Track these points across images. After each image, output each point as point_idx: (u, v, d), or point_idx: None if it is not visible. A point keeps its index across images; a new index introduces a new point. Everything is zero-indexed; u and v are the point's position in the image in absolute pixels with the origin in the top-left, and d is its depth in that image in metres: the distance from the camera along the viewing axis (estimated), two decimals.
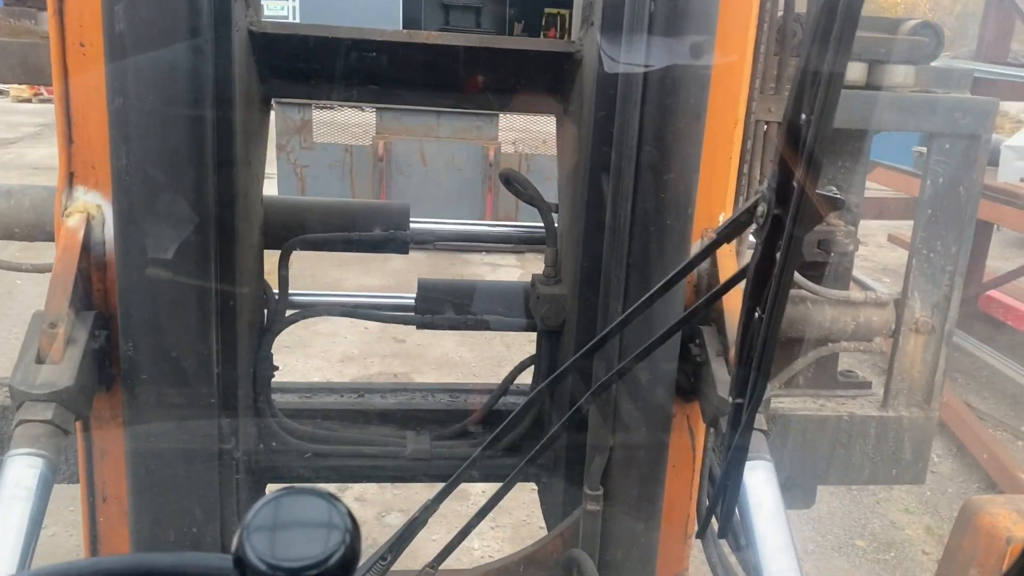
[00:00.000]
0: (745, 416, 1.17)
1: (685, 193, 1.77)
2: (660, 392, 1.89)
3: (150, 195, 1.68)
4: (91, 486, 2.02)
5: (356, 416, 2.41)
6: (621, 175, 1.72)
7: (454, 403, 2.49)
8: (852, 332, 2.34)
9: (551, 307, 2.21)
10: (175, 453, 1.82)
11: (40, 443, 1.60)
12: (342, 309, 2.39)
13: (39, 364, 1.70)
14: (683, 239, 1.79)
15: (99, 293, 1.89)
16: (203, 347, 1.78)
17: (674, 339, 1.86)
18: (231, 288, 1.82)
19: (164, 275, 1.71)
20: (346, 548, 0.59)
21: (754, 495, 1.67)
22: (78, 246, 1.81)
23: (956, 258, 2.28)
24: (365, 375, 6.29)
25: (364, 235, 2.26)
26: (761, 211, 1.09)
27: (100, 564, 0.66)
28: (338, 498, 0.62)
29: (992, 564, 2.10)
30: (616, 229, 1.77)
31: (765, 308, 1.10)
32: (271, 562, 0.58)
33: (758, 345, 1.13)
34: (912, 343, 2.37)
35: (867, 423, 2.42)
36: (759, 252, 1.11)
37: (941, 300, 2.32)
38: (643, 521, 1.97)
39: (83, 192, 1.87)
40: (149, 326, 1.75)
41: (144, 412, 1.79)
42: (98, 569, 0.66)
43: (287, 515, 0.61)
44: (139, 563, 0.67)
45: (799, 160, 1.01)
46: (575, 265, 2.07)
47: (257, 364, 2.20)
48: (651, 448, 1.93)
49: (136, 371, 1.77)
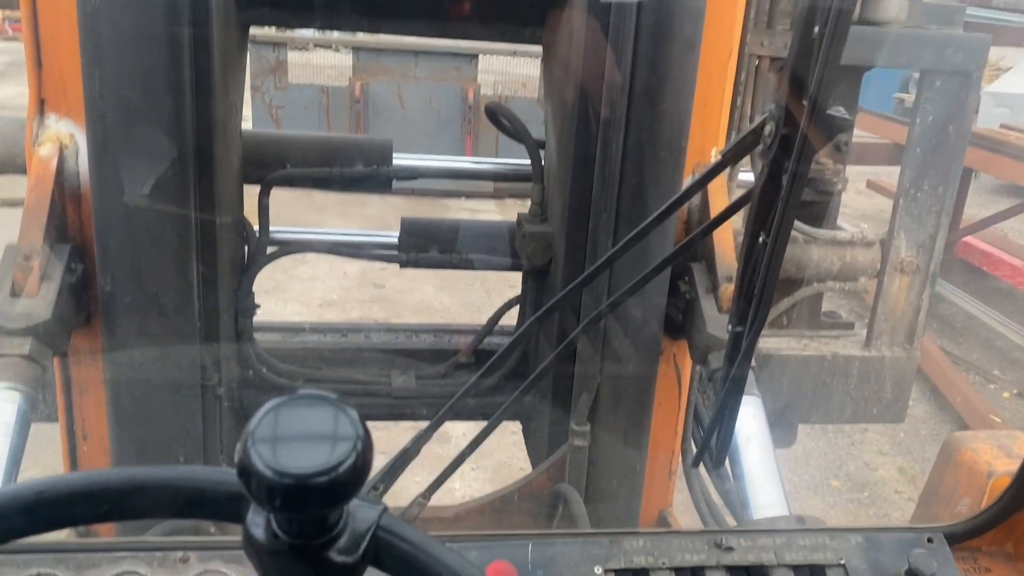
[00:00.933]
0: (745, 345, 1.16)
1: (679, 125, 1.73)
2: (649, 328, 1.87)
3: (125, 123, 1.61)
4: (70, 424, 1.99)
5: (340, 355, 2.38)
6: (613, 106, 1.68)
7: (438, 343, 2.47)
8: (838, 272, 2.34)
9: (537, 245, 2.18)
10: (156, 388, 1.79)
11: (17, 377, 1.56)
12: (324, 246, 2.35)
13: (14, 297, 1.66)
14: (676, 172, 1.76)
15: (74, 225, 1.82)
16: (183, 281, 1.74)
17: (664, 275, 1.84)
18: (211, 220, 1.77)
19: (142, 207, 1.66)
20: (357, 456, 0.56)
21: (742, 430, 1.68)
22: (51, 177, 1.74)
23: (943, 198, 2.27)
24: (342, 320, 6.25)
25: (346, 171, 2.20)
26: (769, 131, 1.06)
27: (93, 478, 0.63)
28: (348, 404, 0.59)
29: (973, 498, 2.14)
30: (607, 162, 1.74)
31: (769, 233, 1.08)
32: (278, 469, 0.54)
33: (761, 272, 1.10)
34: (897, 283, 2.37)
35: (850, 363, 2.43)
36: (765, 174, 1.08)
37: (927, 240, 2.32)
38: (630, 456, 1.98)
39: (55, 120, 1.79)
40: (127, 260, 1.70)
41: (124, 347, 1.75)
42: (92, 483, 0.63)
43: (294, 422, 0.57)
44: (133, 477, 0.63)
45: (810, 76, 0.97)
46: (562, 202, 2.03)
47: (238, 301, 2.16)
48: (639, 384, 1.93)
49: (114, 306, 1.72)
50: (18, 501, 0.61)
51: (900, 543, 1.26)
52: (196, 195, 1.71)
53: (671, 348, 2.07)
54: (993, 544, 1.41)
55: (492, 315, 2.38)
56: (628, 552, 1.19)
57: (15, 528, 0.61)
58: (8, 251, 1.70)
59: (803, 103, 1.00)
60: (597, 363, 1.88)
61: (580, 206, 1.91)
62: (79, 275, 1.78)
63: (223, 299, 1.95)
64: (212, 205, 1.78)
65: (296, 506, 0.55)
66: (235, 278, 2.15)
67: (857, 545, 1.25)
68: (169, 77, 1.61)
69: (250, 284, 2.19)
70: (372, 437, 0.58)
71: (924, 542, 1.28)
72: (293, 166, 2.19)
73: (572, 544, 1.19)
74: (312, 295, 6.50)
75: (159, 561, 1.08)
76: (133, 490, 0.63)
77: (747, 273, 1.16)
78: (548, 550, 1.18)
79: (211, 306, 1.85)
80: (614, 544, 1.20)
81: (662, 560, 1.19)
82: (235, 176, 2.08)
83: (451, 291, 6.69)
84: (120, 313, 1.72)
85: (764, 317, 1.17)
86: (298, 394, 0.59)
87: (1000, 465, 2.11)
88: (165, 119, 1.62)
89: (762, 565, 1.21)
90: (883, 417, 2.52)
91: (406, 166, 2.29)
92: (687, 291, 1.93)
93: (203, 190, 1.74)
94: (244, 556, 1.09)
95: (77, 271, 1.77)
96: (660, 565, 1.19)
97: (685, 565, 1.19)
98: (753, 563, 1.21)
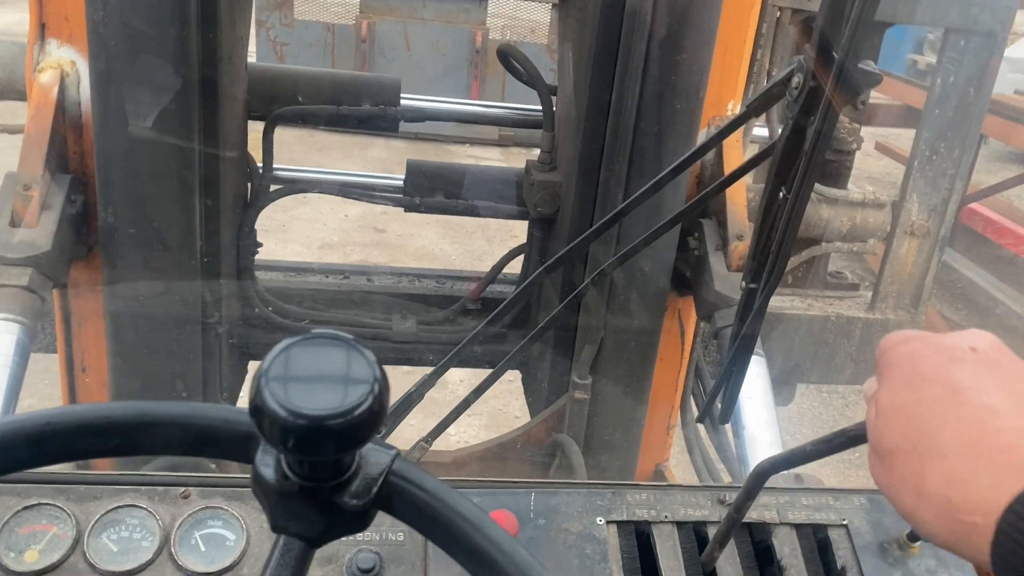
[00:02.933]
0: (758, 302, 1.14)
1: (698, 75, 1.68)
2: (656, 283, 1.85)
3: (129, 51, 1.57)
4: (69, 357, 1.98)
5: (342, 297, 2.37)
6: (631, 54, 1.63)
7: (441, 288, 2.46)
8: (847, 233, 2.31)
9: (545, 194, 2.14)
10: (157, 322, 1.77)
11: (16, 308, 1.54)
12: (328, 187, 2.31)
13: (13, 227, 1.63)
14: (692, 124, 1.72)
15: (75, 156, 1.79)
16: (186, 215, 1.71)
17: (673, 230, 1.81)
18: (215, 154, 1.74)
19: (144, 138, 1.62)
20: (374, 399, 0.54)
21: (745, 388, 1.67)
22: (52, 105, 1.70)
23: (959, 162, 2.23)
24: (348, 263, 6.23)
25: (352, 109, 2.16)
26: (796, 83, 1.02)
27: (102, 411, 0.61)
28: (364, 345, 0.57)
29: None
30: (621, 111, 1.69)
31: (790, 189, 1.05)
32: (293, 409, 0.52)
33: (779, 229, 1.08)
34: (906, 246, 2.35)
35: (853, 324, 2.42)
36: (789, 127, 1.05)
37: (939, 204, 2.29)
38: (629, 411, 1.98)
39: (56, 46, 1.74)
40: (129, 191, 1.67)
41: (124, 280, 1.73)
42: (100, 416, 0.61)
43: (309, 362, 0.55)
44: (142, 412, 0.62)
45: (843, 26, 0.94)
46: (573, 151, 1.99)
47: (240, 239, 2.13)
48: (642, 338, 1.92)
49: (115, 238, 1.70)
50: (24, 431, 0.59)
51: None
52: (200, 128, 1.67)
53: (676, 303, 2.06)
54: None
55: (497, 262, 2.36)
56: (630, 504, 1.19)
57: (20, 459, 0.60)
58: (8, 180, 1.67)
59: (833, 55, 0.96)
60: (602, 316, 1.87)
61: (591, 155, 1.87)
62: (79, 206, 1.75)
63: (225, 236, 1.93)
64: (216, 139, 1.75)
65: (310, 448, 0.54)
66: (238, 215, 2.12)
67: (860, 506, 1.25)
68: (175, 6, 1.56)
69: (253, 222, 2.16)
70: (389, 380, 0.56)
71: None
72: (299, 102, 2.14)
73: (574, 495, 1.19)
74: (313, 236, 6.46)
75: (160, 496, 1.08)
76: (142, 425, 0.62)
77: (764, 230, 1.13)
78: (551, 500, 1.18)
79: (213, 242, 1.83)
80: (617, 496, 1.20)
81: (664, 514, 1.19)
82: (240, 110, 2.04)
83: (452, 238, 6.65)
84: (121, 246, 1.70)
85: (779, 275, 1.15)
86: (313, 333, 0.57)
87: None
88: (170, 49, 1.58)
89: (765, 523, 1.21)
90: None
91: (414, 107, 2.24)
92: (696, 247, 1.90)
93: (207, 123, 1.70)
94: (245, 494, 1.09)
95: (77, 202, 1.74)
96: (662, 519, 1.19)
97: (687, 520, 1.19)
98: (755, 520, 1.21)
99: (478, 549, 0.60)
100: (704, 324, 1.96)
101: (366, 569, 1.04)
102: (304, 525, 0.59)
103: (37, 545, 1.02)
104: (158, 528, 1.05)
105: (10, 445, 0.59)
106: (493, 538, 0.60)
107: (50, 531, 1.03)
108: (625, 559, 1.14)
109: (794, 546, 1.20)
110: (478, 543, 0.60)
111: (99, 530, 1.04)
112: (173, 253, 1.72)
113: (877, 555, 1.19)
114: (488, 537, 0.60)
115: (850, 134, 2.27)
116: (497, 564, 0.59)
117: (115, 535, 1.04)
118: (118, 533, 1.05)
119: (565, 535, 1.15)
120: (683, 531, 1.19)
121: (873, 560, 1.18)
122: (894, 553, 1.20)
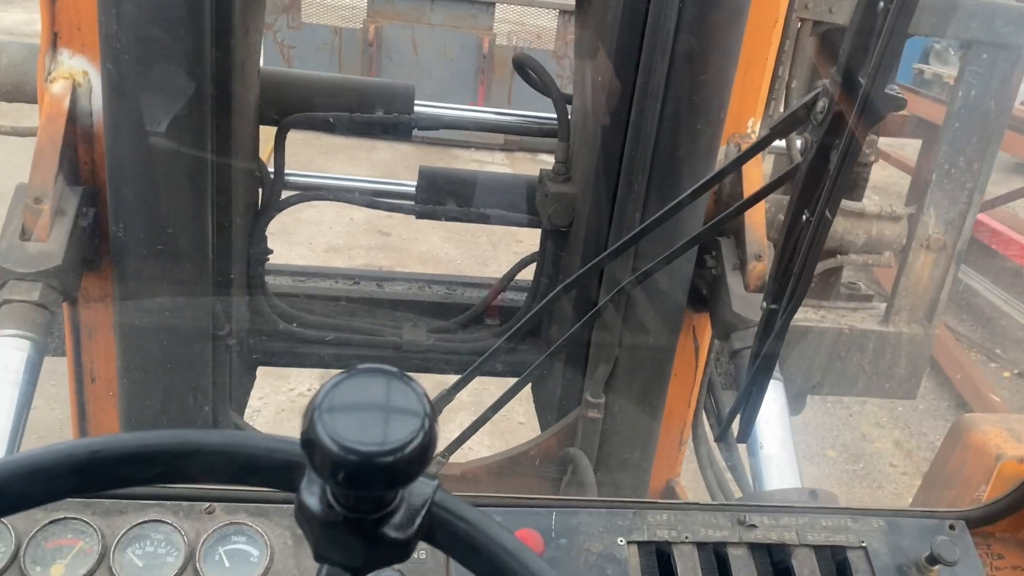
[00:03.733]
0: (780, 323, 1.13)
1: (719, 94, 1.65)
2: (672, 302, 1.83)
3: (142, 62, 1.54)
4: (79, 365, 1.96)
5: (351, 303, 2.35)
6: (652, 71, 1.60)
7: (452, 296, 2.44)
8: (863, 245, 2.29)
9: (559, 206, 2.10)
10: (167, 331, 1.75)
11: (27, 324, 1.52)
12: (340, 194, 2.30)
13: (24, 240, 1.60)
14: (713, 143, 1.69)
15: (86, 167, 1.76)
16: (198, 225, 1.69)
17: (691, 250, 1.79)
18: (227, 163, 1.72)
19: (157, 149, 1.59)
20: (424, 435, 0.54)
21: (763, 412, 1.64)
22: (63, 115, 1.68)
23: (978, 175, 2.21)
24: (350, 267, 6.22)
25: (366, 116, 2.14)
26: (821, 107, 1.02)
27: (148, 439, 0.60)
28: (414, 380, 0.57)
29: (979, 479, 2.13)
30: (641, 129, 1.66)
31: (814, 212, 1.04)
32: (345, 444, 0.52)
33: (802, 251, 1.07)
34: (921, 260, 2.33)
35: (867, 337, 2.41)
36: (814, 150, 1.04)
37: (956, 217, 2.27)
38: (643, 429, 1.96)
39: (68, 56, 1.72)
40: (141, 203, 1.65)
41: (135, 292, 1.71)
42: (146, 444, 0.60)
43: (361, 396, 0.55)
44: (188, 440, 0.61)
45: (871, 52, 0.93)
46: (588, 163, 1.97)
47: (251, 246, 2.12)
48: (657, 357, 1.89)
49: (127, 251, 1.67)
50: (71, 460, 0.59)
51: (921, 528, 1.25)
52: (213, 137, 1.65)
53: (691, 320, 2.04)
54: (1007, 531, 1.41)
55: (508, 271, 2.34)
56: (652, 525, 1.18)
57: (66, 488, 0.60)
58: (18, 192, 1.64)
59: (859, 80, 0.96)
60: (617, 335, 1.84)
61: (608, 168, 1.84)
62: (91, 219, 1.73)
63: (236, 244, 1.91)
64: (229, 147, 1.73)
65: (360, 483, 0.54)
66: (249, 222, 2.11)
67: (878, 528, 1.24)
68: (189, 17, 1.53)
69: (264, 229, 2.15)
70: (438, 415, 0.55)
71: (946, 528, 1.27)
72: (311, 108, 2.12)
73: (595, 514, 1.18)
74: (318, 239, 6.45)
75: (185, 511, 1.08)
76: (188, 453, 0.61)
77: (787, 251, 1.12)
78: (571, 519, 1.17)
79: (225, 250, 1.81)
80: (637, 516, 1.19)
81: (685, 535, 1.18)
82: (252, 117, 2.02)
83: (457, 243, 6.64)
84: (132, 257, 1.68)
85: (801, 297, 1.14)
86: (365, 367, 0.57)
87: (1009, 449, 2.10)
88: (184, 59, 1.55)
89: (784, 544, 1.20)
90: (895, 393, 2.50)
91: (428, 115, 2.23)
92: (713, 266, 1.88)
93: (220, 132, 1.68)
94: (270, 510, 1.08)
95: (89, 215, 1.72)
96: (683, 539, 1.18)
97: (708, 540, 1.18)
98: (775, 542, 1.20)
99: None
100: (720, 342, 1.94)
101: None
102: (348, 555, 0.59)
103: (63, 559, 1.03)
104: (183, 543, 1.05)
105: (56, 474, 0.59)
106: (534, 571, 0.59)
107: (76, 545, 1.04)
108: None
109: (813, 568, 1.19)
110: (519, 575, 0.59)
111: (125, 545, 1.05)
112: (185, 263, 1.70)
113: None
114: (529, 570, 0.60)
115: (868, 146, 2.25)
116: None
117: (140, 550, 1.05)
118: (143, 548, 1.05)
119: (587, 555, 1.14)
120: (703, 552, 1.18)
121: None
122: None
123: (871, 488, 4.74)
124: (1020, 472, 1.36)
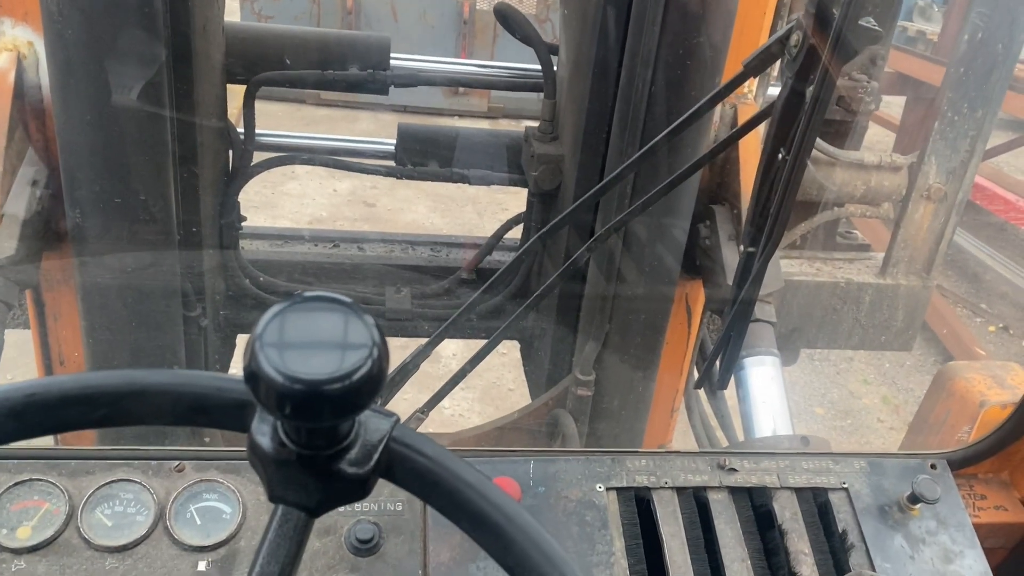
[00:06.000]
0: (756, 266, 1.10)
1: (716, 48, 1.56)
2: (665, 273, 1.77)
3: (87, 23, 1.43)
4: (46, 349, 1.88)
5: (332, 268, 2.30)
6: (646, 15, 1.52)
7: (435, 258, 2.38)
8: (861, 196, 2.23)
9: (546, 168, 2.02)
10: (135, 305, 1.68)
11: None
12: (315, 157, 2.24)
13: None
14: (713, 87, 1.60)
15: (39, 143, 1.67)
16: (161, 195, 1.60)
17: (684, 218, 1.73)
18: (191, 123, 1.65)
19: (111, 120, 1.49)
20: (373, 363, 0.51)
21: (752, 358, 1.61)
22: (9, 92, 1.58)
23: (981, 122, 2.15)
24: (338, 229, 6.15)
25: (340, 73, 2.08)
26: (795, 41, 0.98)
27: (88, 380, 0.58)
28: (362, 308, 0.54)
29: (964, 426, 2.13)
30: (634, 83, 1.57)
31: (789, 151, 1.02)
32: (289, 374, 0.49)
33: (778, 192, 1.04)
34: (921, 210, 2.29)
35: (863, 289, 2.37)
36: (788, 87, 1.01)
37: (958, 167, 2.22)
38: (632, 403, 1.93)
39: (11, 26, 1.62)
40: (98, 171, 1.55)
41: (98, 268, 1.63)
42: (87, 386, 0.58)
43: (305, 326, 0.52)
44: (132, 380, 0.58)
45: None
46: (576, 120, 1.88)
47: (223, 214, 2.05)
48: (649, 331, 1.84)
49: (86, 224, 1.58)
50: (7, 404, 0.56)
51: (903, 469, 1.25)
52: (172, 98, 1.56)
53: (683, 287, 1.99)
54: (990, 472, 1.41)
55: (495, 232, 2.29)
56: (630, 471, 1.17)
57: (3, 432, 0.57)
58: None
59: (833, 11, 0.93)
60: (607, 313, 1.79)
61: (596, 125, 1.77)
62: (46, 199, 1.64)
63: (205, 209, 1.84)
64: (191, 109, 1.64)
65: (308, 414, 0.51)
66: (220, 187, 2.04)
67: (860, 470, 1.23)
68: None
69: (236, 193, 2.09)
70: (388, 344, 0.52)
71: (927, 468, 1.26)
72: (281, 65, 2.05)
73: (573, 462, 1.16)
74: (302, 212, 6.38)
75: (154, 470, 1.06)
76: (131, 394, 0.59)
77: (763, 193, 1.10)
78: (550, 467, 1.15)
79: (193, 220, 1.74)
80: (616, 463, 1.17)
81: (664, 480, 1.17)
82: (217, 76, 1.94)
83: (443, 212, 6.59)
84: (93, 235, 1.59)
85: (778, 240, 1.12)
86: (309, 296, 0.53)
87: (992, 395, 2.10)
88: (134, 13, 1.45)
89: (764, 487, 1.19)
90: (891, 345, 2.48)
91: (405, 69, 2.16)
92: (707, 236, 1.84)
93: (182, 95, 1.59)
94: (241, 466, 1.06)
95: (44, 196, 1.63)
96: (662, 484, 1.16)
97: (688, 485, 1.17)
98: (756, 485, 1.19)
99: (482, 515, 0.58)
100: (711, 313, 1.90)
101: (365, 540, 1.02)
102: (302, 494, 0.57)
103: (30, 521, 1.00)
104: (153, 502, 1.03)
105: None
106: (497, 503, 0.58)
107: (42, 507, 1.01)
108: (625, 525, 1.12)
109: (795, 510, 1.18)
110: (482, 509, 0.58)
111: (93, 505, 1.03)
112: (149, 232, 1.61)
113: (877, 518, 1.18)
114: (492, 502, 0.58)
115: (868, 93, 2.17)
116: (501, 529, 0.57)
117: (109, 510, 1.03)
118: (112, 508, 1.03)
119: (565, 502, 1.12)
120: (683, 497, 1.16)
121: (874, 523, 1.17)
122: (894, 515, 1.19)
123: (859, 444, 4.76)
124: (1004, 417, 1.35)
